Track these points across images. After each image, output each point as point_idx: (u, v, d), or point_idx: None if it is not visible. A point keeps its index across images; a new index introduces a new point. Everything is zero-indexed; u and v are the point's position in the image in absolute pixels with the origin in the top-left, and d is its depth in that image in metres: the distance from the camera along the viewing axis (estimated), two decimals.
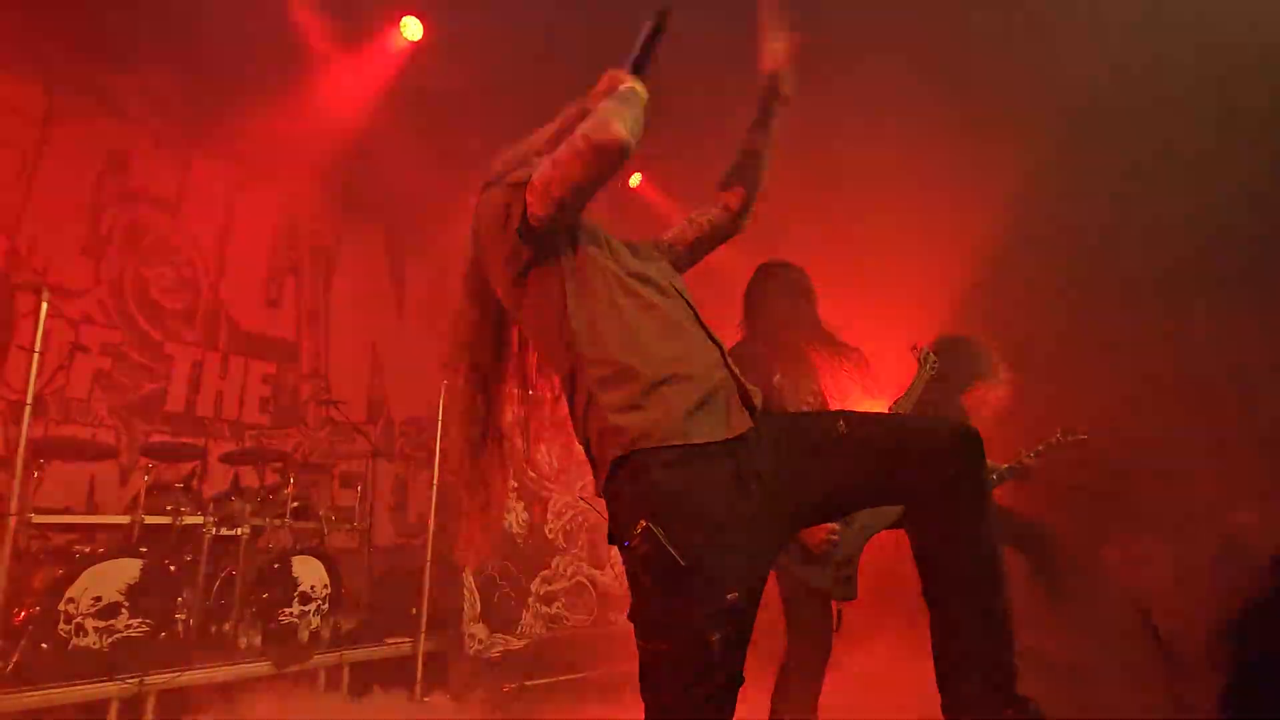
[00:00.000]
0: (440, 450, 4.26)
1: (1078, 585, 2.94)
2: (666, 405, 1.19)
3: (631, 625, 1.19)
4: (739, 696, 1.17)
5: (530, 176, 1.28)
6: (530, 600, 4.28)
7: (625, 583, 1.22)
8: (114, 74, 4.68)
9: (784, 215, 4.46)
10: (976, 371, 2.97)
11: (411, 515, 5.81)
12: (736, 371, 1.34)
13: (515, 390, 1.52)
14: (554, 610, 4.37)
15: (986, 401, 2.93)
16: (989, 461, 3.07)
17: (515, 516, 4.39)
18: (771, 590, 2.17)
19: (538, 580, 4.36)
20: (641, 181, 6.19)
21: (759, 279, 2.32)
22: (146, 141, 4.82)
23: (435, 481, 4.22)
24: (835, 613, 2.14)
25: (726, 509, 1.17)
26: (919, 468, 1.29)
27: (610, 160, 1.20)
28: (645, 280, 1.35)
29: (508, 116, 5.49)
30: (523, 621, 4.21)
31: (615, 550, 1.28)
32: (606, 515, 1.26)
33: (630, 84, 1.34)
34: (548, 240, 1.29)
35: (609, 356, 1.23)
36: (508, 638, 4.11)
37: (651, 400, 1.19)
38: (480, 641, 3.99)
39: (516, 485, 4.45)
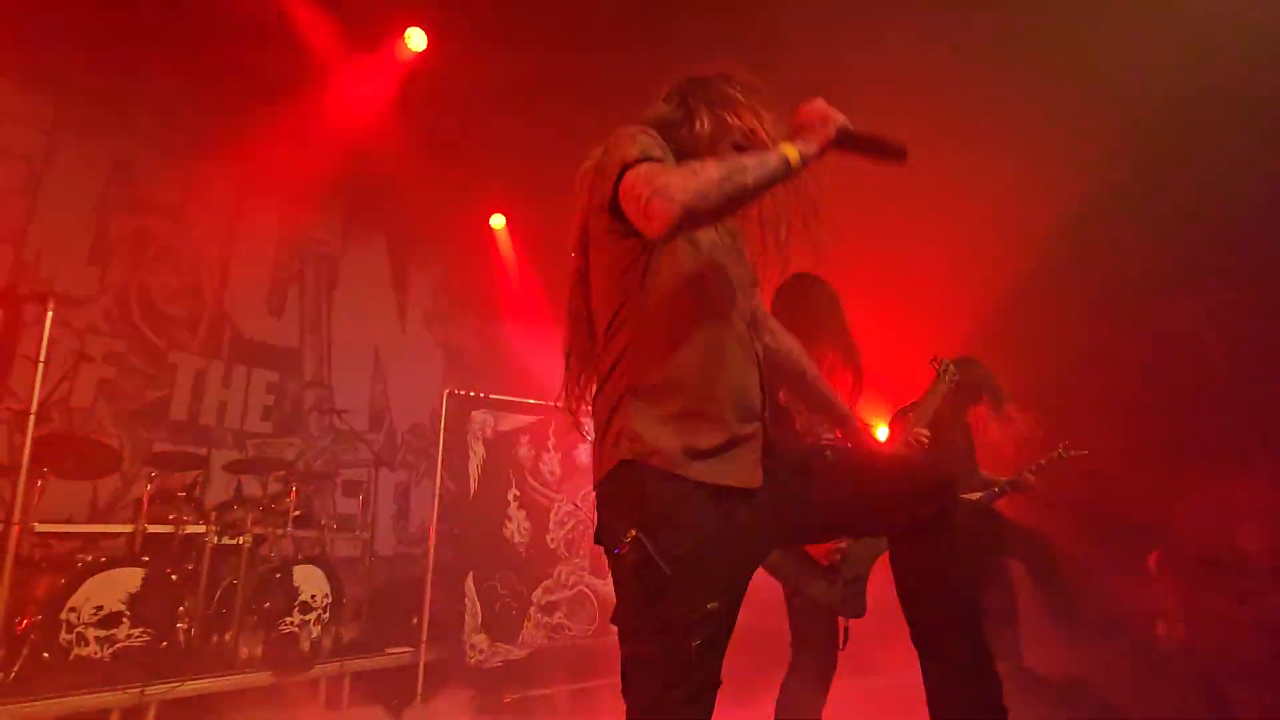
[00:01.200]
0: (442, 459, 4.26)
1: (1081, 599, 2.93)
2: (688, 438, 1.21)
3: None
4: (744, 705, 1.19)
5: (634, 161, 1.22)
6: (531, 610, 4.27)
7: None
8: (120, 83, 4.72)
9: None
10: (982, 393, 3.00)
11: (413, 524, 5.80)
12: (768, 423, 1.35)
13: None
14: (555, 620, 4.36)
15: (989, 423, 2.95)
16: (990, 475, 3.08)
17: (517, 525, 4.38)
18: (779, 601, 2.17)
19: (539, 590, 4.35)
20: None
21: (785, 292, 2.31)
22: (152, 150, 4.85)
23: (437, 490, 4.22)
24: (842, 629, 2.13)
25: (713, 523, 1.21)
26: (890, 506, 1.35)
27: (657, 232, 1.14)
28: (733, 298, 1.34)
29: (511, 127, 5.54)
30: (524, 631, 4.20)
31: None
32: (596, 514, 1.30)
33: (795, 153, 1.20)
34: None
35: (661, 367, 1.24)
36: (509, 647, 4.10)
37: (679, 427, 1.22)
38: (481, 651, 3.98)
39: (519, 494, 4.45)
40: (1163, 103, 3.49)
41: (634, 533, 1.16)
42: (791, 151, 1.21)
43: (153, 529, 3.43)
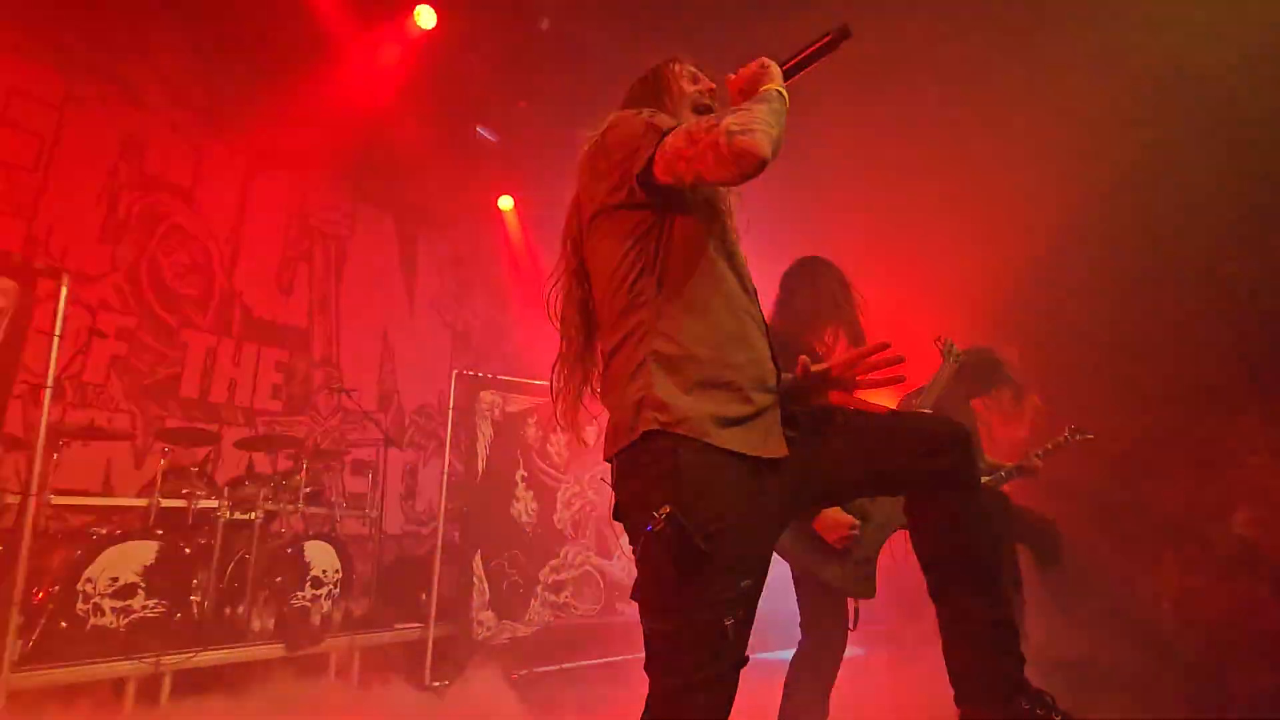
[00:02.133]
0: (450, 439, 4.29)
1: (1085, 583, 2.94)
2: (710, 407, 1.20)
3: (637, 610, 1.21)
4: (752, 690, 1.18)
5: (670, 128, 1.24)
6: (538, 589, 4.33)
7: (633, 572, 1.23)
8: (130, 60, 4.71)
9: (830, 212, 4.46)
10: (995, 383, 2.99)
11: (421, 504, 5.86)
12: (780, 396, 1.34)
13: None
14: (561, 599, 4.41)
15: (998, 411, 2.95)
16: (996, 460, 3.09)
17: (525, 506, 4.42)
18: (789, 583, 2.18)
19: (546, 569, 4.40)
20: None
21: (794, 273, 2.30)
22: (162, 127, 4.85)
23: (445, 470, 4.25)
24: (853, 610, 2.14)
25: (745, 499, 1.19)
26: (909, 462, 1.34)
27: (746, 171, 1.16)
28: (742, 273, 1.35)
29: (521, 106, 5.50)
30: (530, 609, 4.25)
31: (623, 539, 1.28)
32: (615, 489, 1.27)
33: (778, 88, 1.29)
34: (662, 194, 1.27)
35: (680, 338, 1.23)
36: (515, 625, 4.15)
37: (701, 395, 1.20)
38: (488, 628, 4.04)
39: (526, 475, 4.48)
40: (1187, 82, 3.44)
41: (668, 508, 1.12)
42: (776, 88, 1.28)
43: (166, 503, 3.48)
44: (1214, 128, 3.39)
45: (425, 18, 4.73)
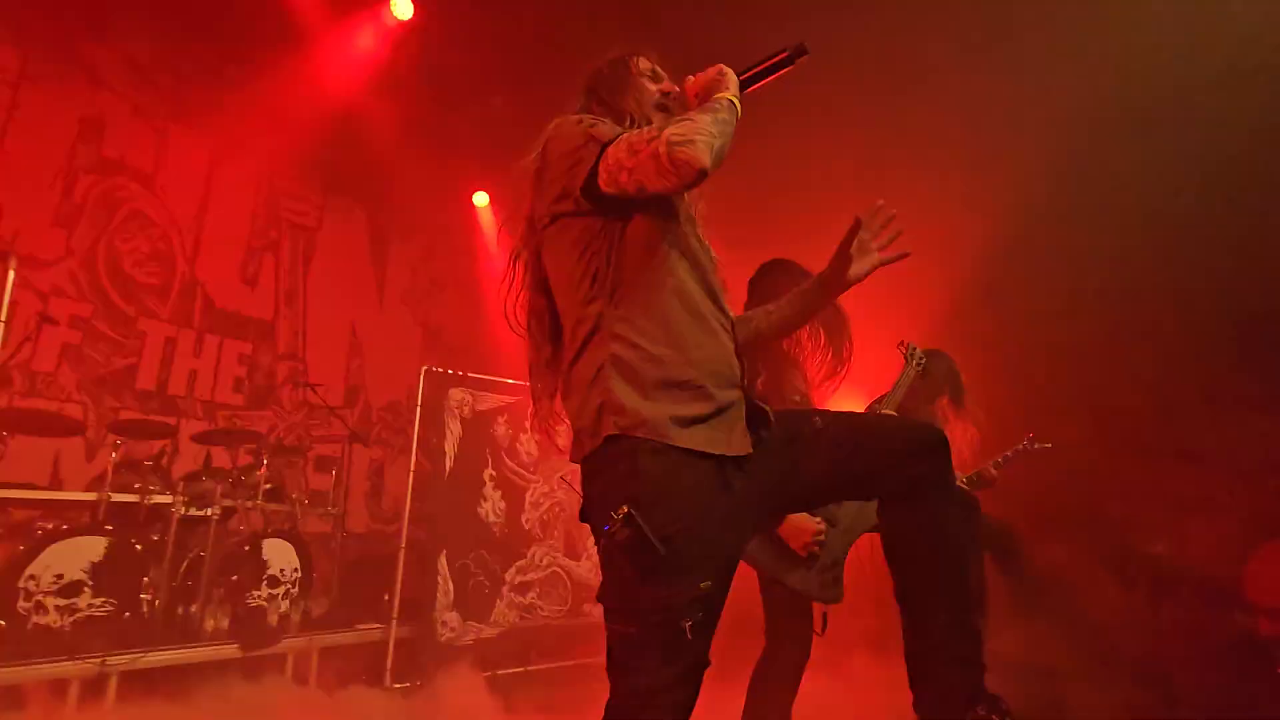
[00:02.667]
0: (418, 437, 4.22)
1: (1045, 589, 3.00)
2: (670, 408, 1.19)
3: (602, 609, 1.21)
4: (715, 696, 1.17)
5: (611, 139, 1.23)
6: (504, 589, 4.27)
7: (600, 574, 1.23)
8: (90, 37, 4.54)
9: (782, 217, 4.48)
10: (946, 388, 3.03)
11: (386, 502, 5.76)
12: (748, 393, 1.34)
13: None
14: (528, 600, 4.36)
15: (948, 419, 2.99)
16: (955, 471, 3.13)
17: (492, 506, 4.37)
18: (754, 590, 2.18)
19: (513, 570, 4.35)
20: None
21: (761, 276, 2.30)
22: (123, 109, 4.69)
23: (412, 468, 4.18)
24: (821, 616, 2.14)
25: (707, 501, 1.19)
26: (887, 466, 1.34)
27: (686, 181, 1.16)
28: (701, 271, 1.33)
29: (496, 100, 5.43)
30: (496, 610, 4.20)
31: (590, 541, 1.27)
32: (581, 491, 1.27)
33: (732, 97, 1.29)
34: (609, 202, 1.26)
35: (636, 339, 1.22)
36: (480, 626, 4.10)
37: (660, 397, 1.19)
38: (453, 629, 3.98)
39: (495, 474, 4.43)
40: (1136, 99, 3.55)
41: (625, 509, 1.12)
42: (729, 97, 1.28)
43: (117, 498, 3.35)
44: (1177, 139, 3.49)
45: (402, 8, 4.66)
